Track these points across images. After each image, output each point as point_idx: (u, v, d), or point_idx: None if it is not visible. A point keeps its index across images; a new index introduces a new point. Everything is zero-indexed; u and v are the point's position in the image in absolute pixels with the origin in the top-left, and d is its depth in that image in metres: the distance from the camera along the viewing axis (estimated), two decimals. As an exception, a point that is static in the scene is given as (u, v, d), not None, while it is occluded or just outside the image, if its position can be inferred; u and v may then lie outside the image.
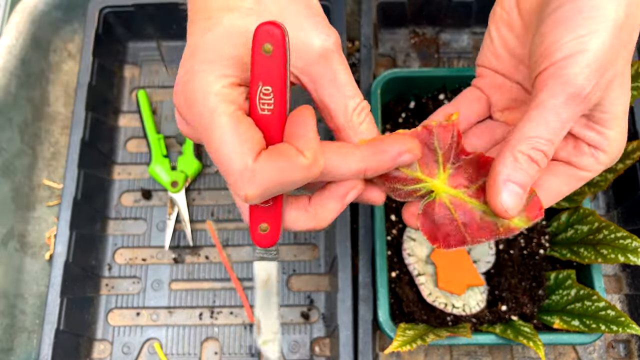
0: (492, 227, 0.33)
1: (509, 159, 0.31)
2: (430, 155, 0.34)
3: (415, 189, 0.34)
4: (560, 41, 0.28)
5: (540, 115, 0.29)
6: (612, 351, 0.55)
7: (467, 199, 0.34)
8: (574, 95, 0.28)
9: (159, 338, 0.57)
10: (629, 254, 0.44)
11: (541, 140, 0.30)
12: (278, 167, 0.27)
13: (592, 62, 0.28)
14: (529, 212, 0.33)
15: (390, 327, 0.47)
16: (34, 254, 0.60)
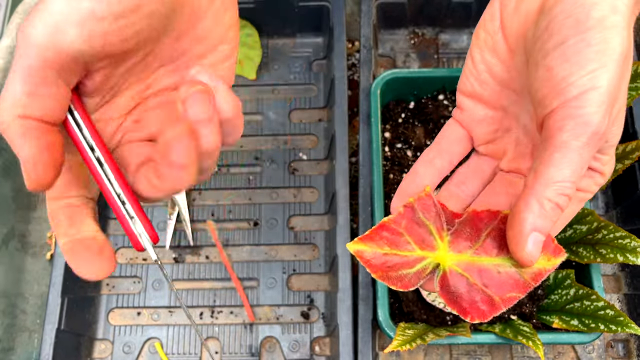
0: (515, 278, 0.32)
1: (535, 207, 0.30)
2: (423, 229, 0.34)
3: (423, 267, 0.33)
4: (571, 77, 0.28)
5: (564, 158, 0.29)
6: (611, 350, 0.55)
7: (477, 258, 0.33)
8: (595, 134, 0.28)
9: (160, 337, 0.57)
10: (627, 254, 0.44)
11: (567, 184, 0.29)
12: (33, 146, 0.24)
13: (605, 99, 0.27)
14: (545, 249, 0.32)
15: (390, 326, 0.48)
16: (35, 253, 0.60)
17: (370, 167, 0.54)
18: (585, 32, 0.28)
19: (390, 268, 0.33)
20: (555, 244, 0.32)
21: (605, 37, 0.27)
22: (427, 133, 0.58)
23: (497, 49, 0.34)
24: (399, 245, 0.34)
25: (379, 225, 0.34)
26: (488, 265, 0.33)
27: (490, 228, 0.33)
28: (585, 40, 0.27)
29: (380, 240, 0.34)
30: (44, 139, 0.23)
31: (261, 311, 0.58)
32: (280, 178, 0.62)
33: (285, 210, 0.61)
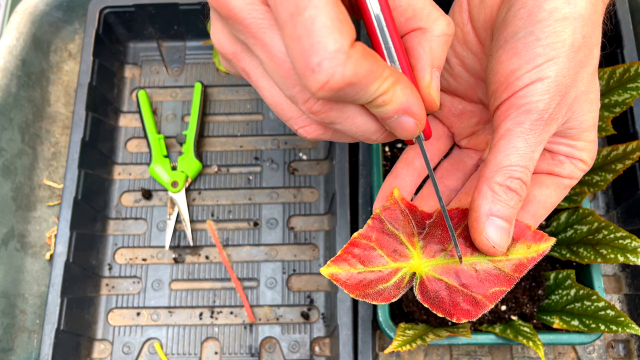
0: (494, 273, 0.32)
1: (488, 193, 0.30)
2: (393, 240, 0.33)
3: (399, 278, 0.32)
4: (518, 72, 0.29)
5: (508, 144, 0.29)
6: (611, 351, 0.55)
7: (451, 260, 0.32)
8: (538, 120, 0.29)
9: (159, 338, 0.57)
10: (628, 254, 0.44)
11: (515, 168, 0.29)
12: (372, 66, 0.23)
13: (551, 88, 0.28)
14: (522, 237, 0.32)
15: (390, 326, 0.47)
16: (35, 253, 0.60)
17: (370, 167, 0.54)
18: (534, 25, 0.28)
19: (367, 286, 0.32)
20: (534, 230, 0.32)
21: (555, 30, 0.28)
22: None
23: (467, 41, 0.34)
24: (372, 261, 0.33)
25: (350, 242, 0.33)
26: (463, 266, 0.32)
27: (461, 228, 0.33)
28: (534, 34, 0.28)
29: (353, 259, 0.33)
30: None
31: (261, 311, 0.58)
32: (280, 178, 0.62)
33: (285, 210, 0.61)
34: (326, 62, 0.22)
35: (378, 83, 0.24)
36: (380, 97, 0.25)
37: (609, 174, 0.50)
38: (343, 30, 0.22)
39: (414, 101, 0.26)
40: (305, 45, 0.22)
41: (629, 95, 0.47)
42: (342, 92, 0.23)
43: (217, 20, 0.27)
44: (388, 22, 0.27)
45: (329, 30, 0.22)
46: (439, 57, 0.28)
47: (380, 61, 0.24)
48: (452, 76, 0.36)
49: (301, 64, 0.22)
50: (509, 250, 0.32)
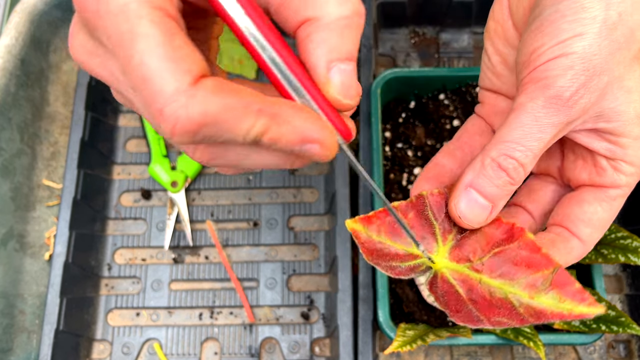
0: (509, 307, 0.29)
1: (477, 164, 0.28)
2: (427, 227, 0.31)
3: (415, 264, 0.31)
4: (542, 47, 0.26)
5: (516, 119, 0.27)
6: (612, 351, 0.55)
7: (473, 273, 0.30)
8: (554, 98, 0.26)
9: (159, 338, 0.57)
10: (629, 254, 0.44)
11: (514, 145, 0.27)
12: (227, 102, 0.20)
13: (576, 65, 0.25)
14: (559, 286, 0.28)
15: (391, 327, 0.47)
16: (34, 254, 0.60)
17: (370, 167, 0.54)
18: (561, 2, 0.26)
19: (381, 256, 0.31)
20: (578, 287, 0.27)
21: (583, 6, 0.25)
22: (428, 133, 0.57)
23: (508, 37, 0.32)
24: (396, 236, 0.31)
25: (384, 210, 0.32)
26: (481, 283, 0.30)
27: (502, 248, 0.30)
28: (560, 11, 0.26)
29: (381, 226, 0.32)
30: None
31: (261, 312, 0.57)
32: (280, 178, 0.62)
33: (285, 211, 0.61)
34: (167, 107, 0.20)
35: (248, 121, 0.21)
36: (264, 136, 0.21)
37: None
38: (179, 69, 0.20)
39: (309, 127, 0.22)
40: (145, 94, 0.20)
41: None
42: (200, 134, 0.20)
43: None
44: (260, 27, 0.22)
45: (162, 73, 0.19)
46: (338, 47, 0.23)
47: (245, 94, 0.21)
48: (495, 75, 0.34)
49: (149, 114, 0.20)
50: (538, 293, 0.28)
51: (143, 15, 0.20)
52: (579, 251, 0.31)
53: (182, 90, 0.20)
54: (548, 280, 0.28)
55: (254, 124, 0.21)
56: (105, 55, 0.22)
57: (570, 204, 0.31)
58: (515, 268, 0.29)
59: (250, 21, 0.22)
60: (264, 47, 0.23)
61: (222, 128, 0.21)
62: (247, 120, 0.21)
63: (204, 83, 0.20)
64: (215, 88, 0.20)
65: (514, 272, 0.29)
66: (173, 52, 0.20)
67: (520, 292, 0.29)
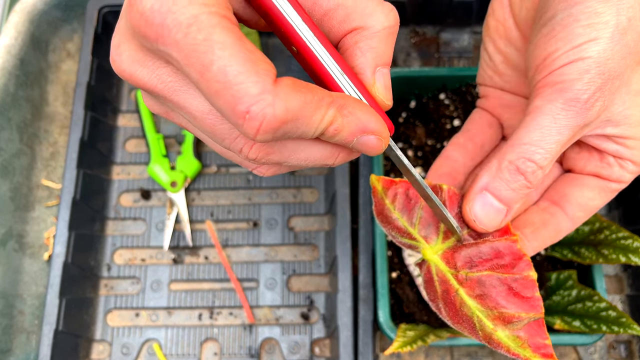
0: (471, 325, 0.29)
1: (493, 167, 0.28)
2: (435, 218, 0.31)
3: (411, 244, 0.32)
4: (556, 52, 0.27)
5: (534, 121, 0.27)
6: (613, 352, 0.55)
7: (453, 280, 0.30)
8: (572, 100, 0.26)
9: (158, 339, 0.57)
10: (630, 254, 0.44)
11: (533, 148, 0.27)
12: (305, 98, 0.22)
13: (591, 68, 0.26)
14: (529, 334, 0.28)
15: (391, 327, 0.47)
16: (33, 254, 0.60)
17: (370, 166, 0.54)
18: (573, 7, 0.26)
19: (385, 221, 0.32)
20: (547, 343, 0.28)
21: (596, 11, 0.26)
22: (428, 132, 0.57)
23: (510, 37, 0.33)
24: (407, 214, 0.32)
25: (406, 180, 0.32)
26: (457, 295, 0.30)
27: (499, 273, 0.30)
28: (573, 15, 0.26)
29: (397, 195, 0.32)
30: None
31: (261, 312, 0.57)
32: (280, 178, 0.62)
33: (285, 211, 0.61)
34: (254, 107, 0.21)
35: (320, 113, 0.22)
36: (330, 127, 0.23)
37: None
38: (260, 70, 0.21)
39: (368, 119, 0.24)
40: (227, 98, 0.21)
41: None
42: (281, 131, 0.22)
43: None
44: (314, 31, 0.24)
45: (245, 76, 0.20)
46: (382, 54, 0.25)
47: (317, 90, 0.22)
48: (497, 74, 0.34)
49: (231, 116, 0.21)
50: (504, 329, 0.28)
51: (215, 24, 0.20)
52: (567, 231, 0.32)
53: (268, 90, 0.21)
54: (522, 323, 0.28)
55: (326, 114, 0.22)
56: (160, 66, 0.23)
57: (571, 186, 0.32)
58: (498, 297, 0.29)
59: (306, 26, 0.24)
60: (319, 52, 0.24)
61: (301, 122, 0.22)
62: (320, 113, 0.22)
63: (283, 82, 0.21)
64: (294, 86, 0.21)
65: (494, 300, 0.29)
66: (250, 56, 0.21)
67: (486, 321, 0.29)
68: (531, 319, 0.28)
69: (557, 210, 0.32)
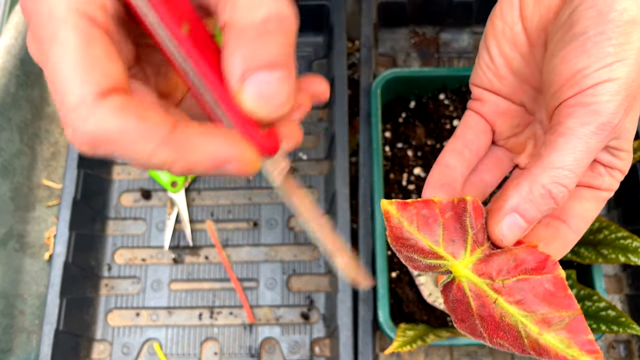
0: (515, 334, 0.29)
1: (525, 188, 0.28)
2: (460, 232, 0.31)
3: (435, 264, 0.31)
4: (588, 69, 0.27)
5: (568, 144, 0.27)
6: (612, 351, 0.55)
7: (490, 291, 0.30)
8: (605, 124, 0.27)
9: (159, 338, 0.57)
10: (629, 254, 0.44)
11: (566, 173, 0.27)
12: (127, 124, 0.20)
13: (621, 90, 0.26)
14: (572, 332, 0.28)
15: (391, 327, 0.47)
16: (34, 254, 0.60)
17: (370, 166, 0.54)
18: (605, 25, 0.27)
19: (405, 246, 0.31)
20: (591, 338, 0.27)
21: (625, 31, 0.26)
22: (428, 132, 0.57)
23: (516, 42, 0.32)
24: (427, 232, 0.31)
25: (425, 201, 0.31)
26: (495, 304, 0.29)
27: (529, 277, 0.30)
28: (606, 34, 0.26)
29: (414, 216, 0.31)
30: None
31: (261, 312, 0.57)
32: (280, 178, 0.62)
33: (285, 211, 0.61)
34: (68, 116, 0.20)
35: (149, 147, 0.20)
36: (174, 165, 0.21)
37: (610, 174, 0.50)
38: (87, 79, 0.19)
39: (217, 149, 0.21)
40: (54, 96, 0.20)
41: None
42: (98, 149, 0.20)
43: None
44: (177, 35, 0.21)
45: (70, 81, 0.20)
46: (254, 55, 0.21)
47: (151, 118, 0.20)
48: (497, 77, 0.34)
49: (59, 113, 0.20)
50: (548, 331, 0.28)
51: (68, 20, 0.20)
52: (573, 242, 0.33)
53: (84, 103, 0.20)
54: (563, 322, 0.28)
55: (156, 151, 0.20)
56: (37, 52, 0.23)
57: (569, 200, 0.32)
58: (535, 300, 0.29)
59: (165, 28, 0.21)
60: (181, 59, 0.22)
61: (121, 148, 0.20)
62: (146, 147, 0.20)
63: (109, 99, 0.20)
64: (119, 107, 0.20)
65: (532, 304, 0.29)
66: (85, 61, 0.20)
67: (531, 326, 0.29)
68: (571, 317, 0.28)
69: (561, 224, 0.33)
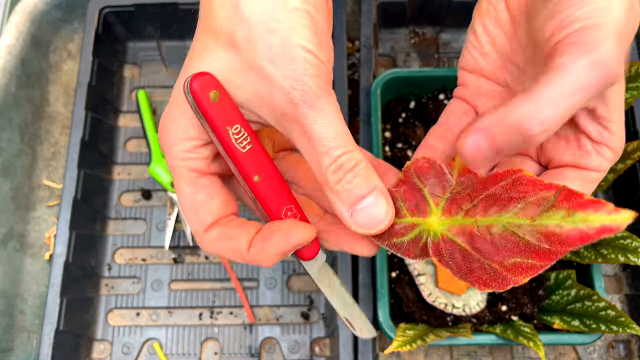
0: (514, 240, 0.26)
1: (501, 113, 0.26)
2: (417, 195, 0.31)
3: (415, 235, 0.30)
4: (577, 12, 0.26)
5: (556, 78, 0.25)
6: (612, 351, 0.55)
7: (468, 219, 0.28)
8: (598, 61, 0.25)
9: (159, 338, 0.57)
10: (629, 254, 0.44)
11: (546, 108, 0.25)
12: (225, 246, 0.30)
13: (615, 32, 0.25)
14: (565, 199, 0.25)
15: (390, 327, 0.47)
16: (34, 254, 0.60)
17: (370, 167, 0.54)
18: None
19: (384, 236, 0.30)
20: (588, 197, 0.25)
21: None
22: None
23: (499, 19, 0.33)
24: (397, 214, 0.31)
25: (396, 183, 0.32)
26: (480, 227, 0.27)
27: (496, 187, 0.28)
28: None
29: None
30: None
31: (261, 312, 0.57)
32: (280, 178, 0.62)
33: (285, 211, 0.61)
34: (196, 237, 0.31)
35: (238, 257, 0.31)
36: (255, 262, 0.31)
37: (609, 174, 0.50)
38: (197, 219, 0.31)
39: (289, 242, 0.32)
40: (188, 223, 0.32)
41: (629, 95, 0.47)
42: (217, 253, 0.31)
43: None
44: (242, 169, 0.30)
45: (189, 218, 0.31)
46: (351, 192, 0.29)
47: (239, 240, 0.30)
48: (481, 54, 0.34)
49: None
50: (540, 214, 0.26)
51: (182, 175, 0.30)
52: None
53: (197, 234, 0.31)
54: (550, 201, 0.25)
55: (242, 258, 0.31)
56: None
57: (552, 179, 0.31)
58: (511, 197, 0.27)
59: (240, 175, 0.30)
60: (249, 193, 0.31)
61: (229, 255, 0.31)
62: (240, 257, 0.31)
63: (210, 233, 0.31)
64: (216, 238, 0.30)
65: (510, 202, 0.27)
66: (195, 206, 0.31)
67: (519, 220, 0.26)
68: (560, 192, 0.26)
69: None
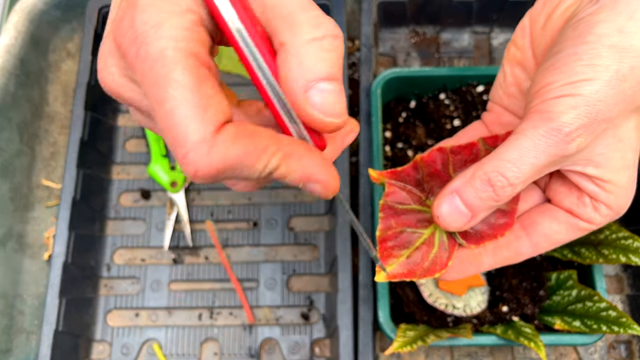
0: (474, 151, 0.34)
1: (468, 174, 0.30)
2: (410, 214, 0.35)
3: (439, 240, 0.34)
4: (554, 84, 0.28)
5: (515, 141, 0.29)
6: (613, 352, 0.55)
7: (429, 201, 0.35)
8: (554, 130, 0.27)
9: (158, 339, 0.57)
10: (630, 255, 0.44)
11: (509, 165, 0.28)
12: (246, 149, 0.22)
13: (580, 106, 0.27)
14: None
15: (391, 327, 0.47)
16: (33, 254, 0.60)
17: (370, 167, 0.54)
18: (580, 46, 0.27)
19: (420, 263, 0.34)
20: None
21: (599, 54, 0.27)
22: (428, 132, 0.57)
23: (526, 65, 0.35)
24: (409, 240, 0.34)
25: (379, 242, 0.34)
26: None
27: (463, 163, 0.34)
28: (578, 54, 0.27)
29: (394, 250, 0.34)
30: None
31: (261, 312, 0.57)
32: (279, 178, 0.62)
33: (285, 211, 0.61)
34: (190, 154, 0.22)
35: (263, 162, 0.23)
36: (274, 174, 0.24)
37: None
38: (206, 117, 0.21)
39: (314, 169, 0.25)
40: (171, 137, 0.22)
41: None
42: (219, 176, 0.23)
43: None
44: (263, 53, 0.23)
45: (190, 120, 0.21)
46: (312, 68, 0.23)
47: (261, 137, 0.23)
48: (507, 94, 0.36)
49: (174, 154, 0.22)
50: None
51: (178, 61, 0.21)
52: (527, 256, 0.34)
53: (206, 140, 0.21)
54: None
55: (269, 162, 0.23)
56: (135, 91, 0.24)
57: (542, 215, 0.34)
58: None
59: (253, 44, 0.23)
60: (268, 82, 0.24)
61: (242, 170, 0.23)
62: (262, 162, 0.23)
63: (226, 131, 0.22)
64: (236, 135, 0.22)
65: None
66: (201, 101, 0.21)
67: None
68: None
69: (523, 234, 0.34)
